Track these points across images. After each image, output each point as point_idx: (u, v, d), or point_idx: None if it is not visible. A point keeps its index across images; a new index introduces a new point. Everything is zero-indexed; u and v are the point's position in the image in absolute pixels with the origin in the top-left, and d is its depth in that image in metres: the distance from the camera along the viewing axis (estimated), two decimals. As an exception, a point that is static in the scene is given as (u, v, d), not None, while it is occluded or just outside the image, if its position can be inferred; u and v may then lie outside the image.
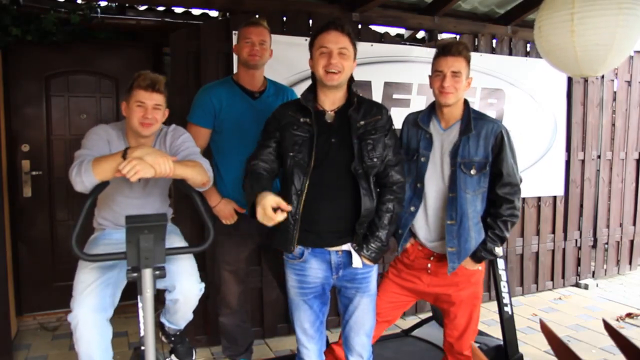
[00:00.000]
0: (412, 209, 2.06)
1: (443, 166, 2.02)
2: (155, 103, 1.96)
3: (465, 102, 2.05)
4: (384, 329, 2.19)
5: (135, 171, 1.68)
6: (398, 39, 3.85)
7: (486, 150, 1.98)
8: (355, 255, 1.82)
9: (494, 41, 3.84)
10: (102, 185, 1.78)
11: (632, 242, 4.72)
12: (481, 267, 2.09)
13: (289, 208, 1.65)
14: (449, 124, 2.05)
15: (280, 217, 1.61)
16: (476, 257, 2.01)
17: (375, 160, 1.81)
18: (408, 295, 2.16)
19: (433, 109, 2.10)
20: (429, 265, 2.07)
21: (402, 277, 2.14)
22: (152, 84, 1.94)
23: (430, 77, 2.04)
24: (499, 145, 1.97)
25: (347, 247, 1.83)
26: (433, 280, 2.08)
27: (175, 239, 2.13)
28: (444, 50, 1.98)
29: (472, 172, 1.97)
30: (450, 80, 1.94)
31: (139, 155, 1.72)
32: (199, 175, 1.90)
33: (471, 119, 2.00)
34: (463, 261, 2.02)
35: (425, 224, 2.08)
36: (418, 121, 2.08)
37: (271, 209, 1.61)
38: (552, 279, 4.28)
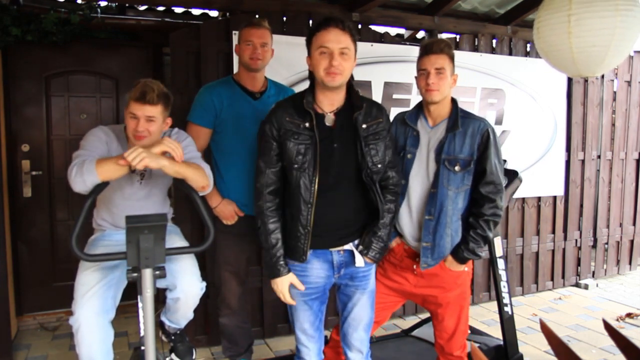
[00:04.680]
0: None
1: (429, 163, 2.02)
2: (148, 115, 1.88)
3: (453, 101, 2.06)
4: (374, 330, 2.18)
5: (141, 158, 1.66)
6: (398, 39, 3.85)
7: (472, 148, 1.97)
8: (357, 255, 1.82)
9: (494, 41, 3.84)
10: (101, 186, 1.77)
11: (632, 242, 4.73)
12: (467, 268, 2.07)
13: (302, 287, 1.81)
14: (436, 122, 2.04)
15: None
16: (459, 258, 2.00)
17: (379, 166, 1.80)
18: (395, 295, 2.15)
19: (421, 108, 2.10)
20: (415, 266, 2.06)
21: (388, 277, 2.13)
22: (142, 96, 1.86)
23: (416, 77, 2.04)
24: (485, 143, 1.97)
25: (348, 246, 1.83)
26: (419, 281, 2.07)
27: (175, 239, 2.13)
28: (426, 49, 1.98)
29: (457, 168, 1.97)
30: (435, 77, 1.94)
31: (144, 146, 1.72)
32: (200, 177, 1.90)
33: (458, 117, 2.00)
34: (447, 262, 2.01)
35: (409, 221, 2.06)
36: (405, 119, 2.08)
37: (289, 294, 1.82)
38: (552, 279, 4.28)
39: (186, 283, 2.00)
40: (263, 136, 1.82)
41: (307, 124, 1.74)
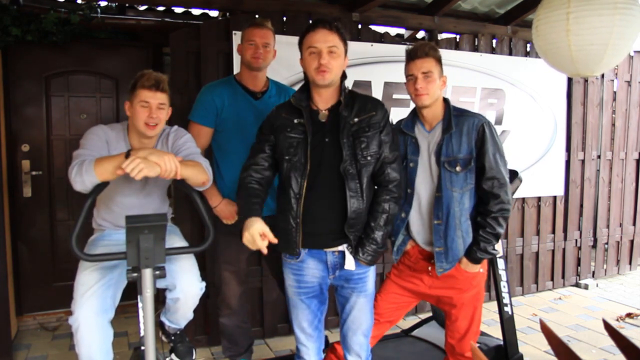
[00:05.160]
0: (403, 215, 2.06)
1: (431, 167, 2.02)
2: (160, 102, 1.97)
3: (446, 101, 2.06)
4: (387, 329, 2.19)
5: (139, 169, 1.67)
6: (398, 39, 3.85)
7: (469, 145, 1.97)
8: (348, 257, 1.81)
9: (494, 41, 3.84)
10: (102, 186, 1.78)
11: (632, 242, 4.72)
12: (483, 269, 2.07)
13: (275, 240, 1.68)
14: (432, 125, 2.04)
15: (264, 244, 1.66)
16: (473, 259, 1.99)
17: (369, 158, 1.79)
18: (410, 296, 2.15)
19: (415, 114, 2.10)
20: (430, 267, 2.06)
21: (403, 278, 2.13)
22: (157, 84, 1.95)
23: (405, 83, 2.05)
24: (482, 139, 1.96)
25: (343, 247, 1.82)
26: (434, 283, 2.07)
27: (175, 239, 2.13)
28: (411, 54, 1.98)
29: (458, 169, 1.96)
30: (422, 81, 1.95)
31: (143, 155, 1.71)
32: (199, 174, 1.90)
33: (452, 116, 1.99)
34: (462, 264, 2.01)
35: (422, 228, 2.07)
36: (402, 128, 2.08)
37: (259, 236, 1.65)
38: (552, 279, 4.28)
39: (186, 283, 2.00)
40: (262, 130, 1.90)
41: (301, 120, 1.80)
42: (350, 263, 1.81)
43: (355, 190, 1.77)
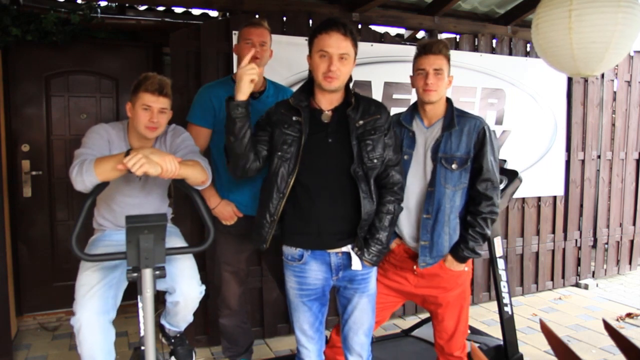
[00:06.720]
0: None
1: (426, 163, 2.02)
2: (162, 107, 1.96)
3: (448, 100, 2.07)
4: (374, 330, 2.18)
5: (141, 164, 1.66)
6: (398, 39, 3.85)
7: (468, 146, 1.98)
8: (354, 257, 1.81)
9: (494, 41, 3.84)
10: (102, 186, 1.78)
11: (632, 242, 4.73)
12: (467, 267, 2.07)
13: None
14: (431, 122, 2.05)
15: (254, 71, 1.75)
16: (459, 257, 2.00)
17: (375, 161, 1.80)
18: (395, 296, 2.14)
19: (415, 108, 2.11)
20: (415, 266, 2.05)
21: (388, 277, 2.12)
22: (160, 88, 1.93)
23: (412, 76, 2.05)
24: (481, 141, 1.98)
25: (347, 248, 1.82)
26: (420, 282, 2.07)
27: (175, 240, 2.13)
28: (425, 49, 1.98)
29: (454, 166, 1.98)
30: (433, 77, 1.95)
31: (144, 155, 1.71)
32: (198, 174, 1.90)
33: (454, 116, 2.01)
34: (447, 262, 2.01)
35: (408, 222, 2.06)
36: (401, 120, 2.08)
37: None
38: (552, 279, 4.28)
39: (186, 287, 2.00)
40: (259, 123, 1.89)
41: (299, 118, 1.79)
42: (357, 264, 1.81)
43: (366, 192, 1.78)
